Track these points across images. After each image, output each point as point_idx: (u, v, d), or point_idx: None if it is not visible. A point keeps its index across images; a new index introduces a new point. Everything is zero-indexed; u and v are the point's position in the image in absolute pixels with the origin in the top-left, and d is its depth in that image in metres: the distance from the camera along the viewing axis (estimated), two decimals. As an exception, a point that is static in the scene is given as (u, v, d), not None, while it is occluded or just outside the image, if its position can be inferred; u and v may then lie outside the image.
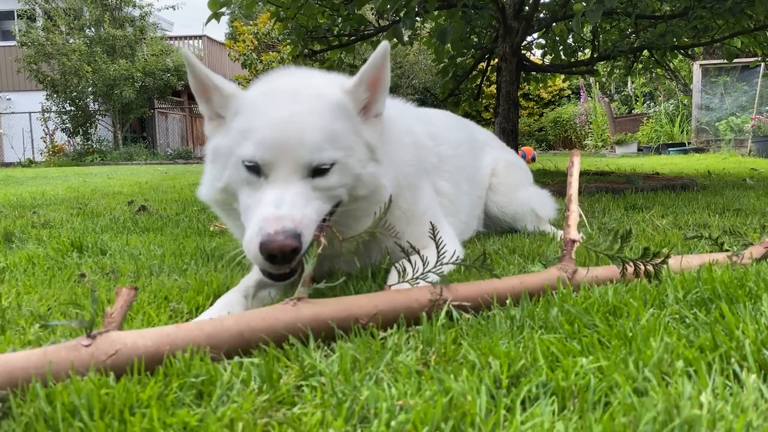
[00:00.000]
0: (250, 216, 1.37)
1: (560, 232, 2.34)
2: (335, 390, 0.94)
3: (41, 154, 18.61)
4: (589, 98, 18.77)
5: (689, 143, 14.08)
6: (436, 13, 5.86)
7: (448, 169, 2.14)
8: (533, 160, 10.51)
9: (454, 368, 0.99)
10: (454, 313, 1.22)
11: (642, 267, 1.41)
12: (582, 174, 6.12)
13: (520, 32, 5.86)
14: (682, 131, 14.98)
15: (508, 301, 1.28)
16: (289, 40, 6.01)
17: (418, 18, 4.93)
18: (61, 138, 18.99)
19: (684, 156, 12.20)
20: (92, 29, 19.07)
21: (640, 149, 15.52)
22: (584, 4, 3.70)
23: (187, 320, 1.41)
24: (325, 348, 1.14)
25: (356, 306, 1.20)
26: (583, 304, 1.23)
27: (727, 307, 1.10)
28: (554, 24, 6.50)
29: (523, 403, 0.89)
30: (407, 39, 6.07)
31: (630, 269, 1.42)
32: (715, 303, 1.23)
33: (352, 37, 6.16)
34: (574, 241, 1.48)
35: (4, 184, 7.26)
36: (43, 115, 18.74)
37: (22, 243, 2.55)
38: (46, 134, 18.52)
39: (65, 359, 0.95)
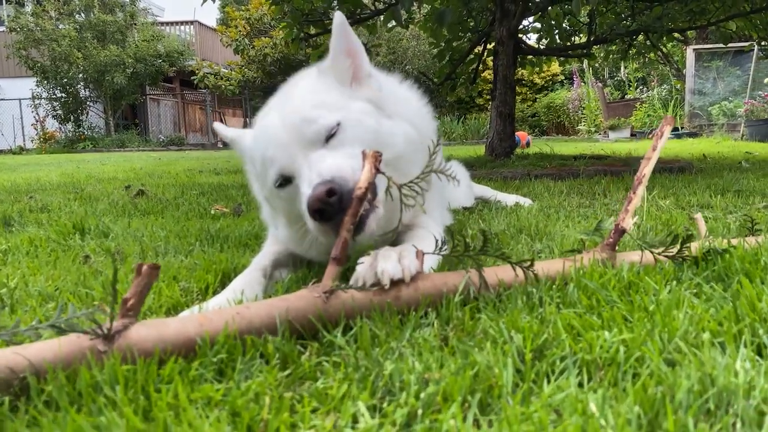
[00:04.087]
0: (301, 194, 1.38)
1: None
2: (358, 364, 0.93)
3: (32, 141, 18.46)
4: (583, 84, 18.75)
5: (682, 128, 14.11)
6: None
7: None
8: (528, 145, 10.49)
9: (476, 342, 0.98)
10: (472, 290, 1.22)
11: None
12: (578, 157, 6.13)
13: (517, 15, 5.83)
14: (675, 116, 15.00)
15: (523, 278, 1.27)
16: (284, 23, 5.95)
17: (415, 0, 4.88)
18: (52, 125, 18.83)
19: (678, 140, 12.22)
20: (82, 14, 18.85)
21: (633, 134, 15.55)
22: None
23: (198, 299, 1.40)
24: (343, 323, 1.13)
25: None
26: (600, 280, 1.22)
27: (747, 281, 1.10)
28: (550, 8, 6.47)
29: (547, 376, 0.88)
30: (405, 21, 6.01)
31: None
32: (732, 278, 1.23)
33: (348, 21, 6.11)
34: (624, 231, 1.37)
35: (-4, 171, 7.19)
36: (34, 101, 18.55)
37: (22, 226, 2.53)
38: (37, 121, 18.36)
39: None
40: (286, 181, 1.41)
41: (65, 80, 18.30)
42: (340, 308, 1.13)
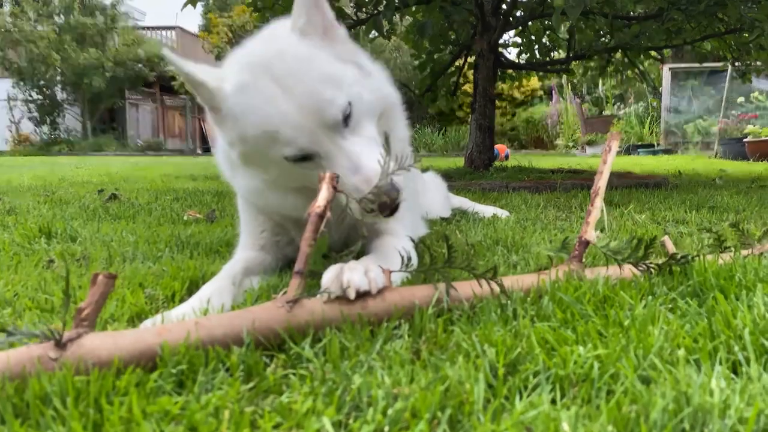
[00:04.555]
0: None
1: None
2: (325, 378, 0.89)
3: (6, 143, 18.11)
4: (561, 99, 18.97)
5: (658, 144, 14.33)
6: (414, 8, 5.83)
7: None
8: (507, 158, 10.56)
9: (448, 356, 0.95)
10: (445, 302, 1.19)
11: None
12: (555, 171, 6.17)
13: (498, 29, 5.87)
14: (651, 133, 15.24)
15: (498, 290, 1.25)
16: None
17: (397, 10, 4.88)
18: (27, 127, 18.50)
19: (653, 156, 12.40)
20: (61, 16, 18.61)
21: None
22: (563, 1, 3.71)
23: (164, 307, 1.35)
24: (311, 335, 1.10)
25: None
26: (574, 294, 1.20)
27: (722, 297, 1.08)
28: (530, 23, 6.52)
29: (520, 392, 0.86)
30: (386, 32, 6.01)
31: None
32: (707, 294, 1.22)
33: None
34: (588, 243, 1.40)
35: (-34, 172, 7.03)
36: (9, 103, 18.23)
37: (-14, 229, 2.45)
38: (12, 123, 18.03)
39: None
40: (305, 158, 1.39)
41: (42, 82, 18.02)
42: (308, 319, 1.10)
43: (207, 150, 21.89)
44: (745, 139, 10.35)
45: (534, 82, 21.09)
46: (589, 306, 1.16)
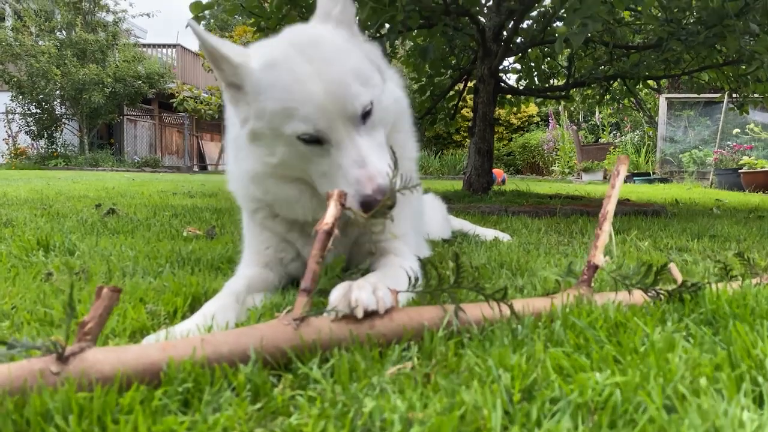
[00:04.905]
0: (334, 178, 1.39)
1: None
2: (335, 400, 0.87)
3: (2, 156, 18.05)
4: (558, 126, 19.11)
5: (654, 173, 14.41)
6: (415, 33, 5.88)
7: None
8: (503, 182, 10.60)
9: (462, 380, 0.93)
10: (455, 324, 1.16)
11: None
12: (554, 197, 6.18)
13: (499, 55, 5.91)
14: (647, 161, 15.34)
15: (508, 314, 1.23)
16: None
17: (400, 34, 4.91)
18: (24, 140, 18.46)
19: (649, 185, 12.46)
20: (63, 32, 18.70)
21: (606, 177, 15.83)
22: (567, 28, 3.74)
23: (166, 323, 1.32)
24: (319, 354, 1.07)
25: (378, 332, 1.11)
26: (587, 318, 1.18)
27: (742, 326, 1.06)
28: (530, 50, 6.58)
29: (538, 418, 0.83)
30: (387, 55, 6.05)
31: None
32: (720, 322, 1.20)
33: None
34: (597, 267, 1.39)
35: (-39, 184, 6.98)
36: (7, 116, 18.21)
37: (-17, 241, 2.41)
38: (9, 136, 17.99)
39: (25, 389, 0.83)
40: (315, 140, 1.40)
41: (41, 96, 18.03)
42: (315, 337, 1.07)
43: (204, 168, 21.90)
44: (740, 170, 10.42)
45: (531, 108, 21.26)
46: (601, 332, 1.13)
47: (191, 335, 1.16)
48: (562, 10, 4.84)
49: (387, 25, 4.66)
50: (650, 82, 7.22)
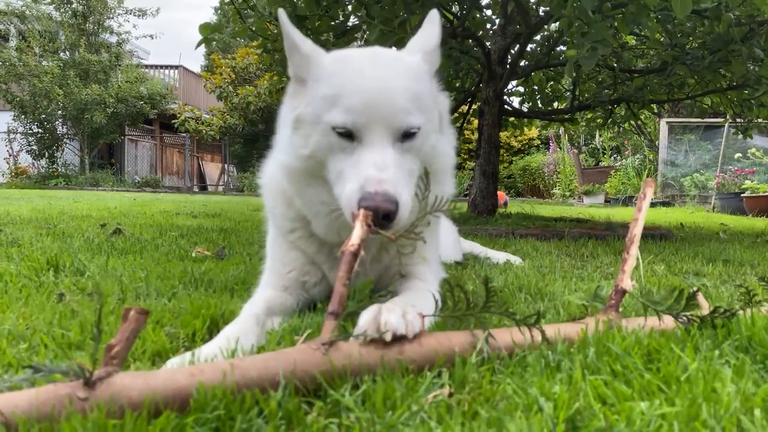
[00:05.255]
0: (347, 177, 1.34)
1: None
2: (373, 430, 0.83)
3: (2, 175, 18.04)
4: (559, 149, 19.17)
5: (655, 197, 14.41)
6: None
7: None
8: (505, 204, 10.60)
9: (504, 409, 0.89)
10: (485, 350, 1.13)
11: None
12: (559, 219, 6.16)
13: (504, 78, 5.94)
14: (648, 185, 15.32)
15: (540, 340, 1.20)
16: (274, 72, 5.97)
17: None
18: (25, 160, 18.47)
19: (652, 209, 12.45)
20: (67, 53, 18.81)
21: (607, 200, 15.83)
22: (576, 51, 3.75)
23: (185, 346, 1.29)
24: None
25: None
26: (622, 344, 1.15)
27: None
28: (533, 73, 6.62)
29: (584, 450, 0.80)
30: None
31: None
32: (756, 349, 1.17)
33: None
34: (624, 292, 1.36)
35: (-36, 202, 6.95)
36: (9, 135, 18.24)
37: (-10, 260, 2.38)
38: (10, 155, 18.00)
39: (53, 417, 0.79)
40: (348, 134, 1.37)
41: (43, 116, 18.08)
42: (345, 363, 1.04)
43: (204, 188, 21.90)
44: (743, 195, 10.42)
45: (532, 131, 21.38)
46: (637, 358, 1.10)
47: (217, 359, 1.13)
48: (566, 35, 4.88)
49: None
50: (653, 105, 7.25)
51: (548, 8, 4.89)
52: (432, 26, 1.56)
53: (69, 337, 1.26)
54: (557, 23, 5.69)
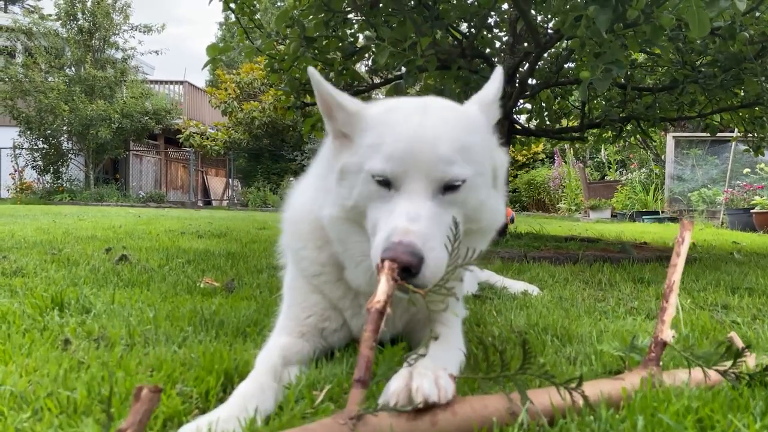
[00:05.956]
0: (380, 226, 1.27)
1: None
2: None
3: (8, 190, 18.05)
4: (564, 163, 19.10)
5: (663, 212, 14.30)
6: (425, 75, 5.86)
7: None
8: (512, 221, 10.49)
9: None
10: (524, 419, 1.05)
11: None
12: (569, 239, 6.07)
13: (513, 96, 5.88)
14: (655, 200, 15.24)
15: (581, 407, 1.11)
16: (281, 92, 5.93)
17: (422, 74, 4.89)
18: (30, 175, 18.48)
19: (660, 224, 12.34)
20: (73, 69, 18.88)
21: (614, 215, 15.73)
22: (590, 73, 3.68)
23: (198, 407, 1.20)
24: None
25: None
26: (671, 410, 1.06)
27: None
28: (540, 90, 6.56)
29: None
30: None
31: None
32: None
33: (345, 92, 6.10)
34: (665, 344, 1.28)
35: (-32, 222, 6.90)
36: (14, 151, 18.26)
37: (-7, 295, 2.31)
38: (16, 171, 18.01)
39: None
40: (386, 182, 1.30)
41: (49, 132, 18.11)
42: (375, 439, 0.96)
43: (208, 203, 21.88)
44: (752, 210, 10.31)
45: (538, 146, 21.34)
46: (690, 429, 1.01)
47: (233, 428, 1.05)
48: (579, 54, 4.82)
49: (403, 69, 4.63)
50: (662, 123, 7.18)
51: (559, 27, 4.85)
52: (494, 81, 1.52)
53: (75, 400, 1.18)
54: (567, 41, 5.64)
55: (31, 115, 17.85)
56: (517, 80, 5.95)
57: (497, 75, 1.54)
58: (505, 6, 6.04)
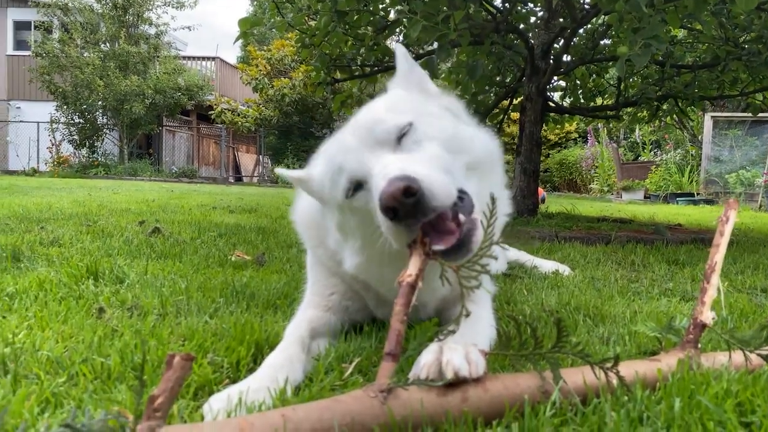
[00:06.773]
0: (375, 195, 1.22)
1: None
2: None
3: (45, 164, 18.46)
4: (597, 142, 18.75)
5: (698, 194, 13.97)
6: (457, 51, 5.77)
7: None
8: (543, 201, 10.35)
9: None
10: (556, 397, 1.03)
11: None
12: (601, 220, 5.97)
13: (548, 73, 5.76)
14: (690, 181, 14.88)
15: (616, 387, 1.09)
16: (312, 67, 5.90)
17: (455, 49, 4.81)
18: (67, 149, 18.86)
19: (695, 206, 12.07)
20: (107, 44, 19.09)
21: (647, 196, 15.41)
22: (628, 48, 3.58)
23: (229, 377, 1.21)
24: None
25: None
26: (710, 393, 1.04)
27: None
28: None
29: None
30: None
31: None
32: None
33: (375, 68, 6.05)
34: (704, 326, 1.25)
35: (8, 193, 7.08)
36: (51, 125, 18.63)
37: (31, 263, 2.36)
38: (53, 144, 18.39)
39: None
40: (357, 186, 1.26)
41: (84, 107, 18.42)
42: (405, 414, 0.95)
43: (239, 179, 22.08)
44: (793, 193, 10.01)
45: (574, 125, 20.96)
46: (731, 414, 0.98)
47: (263, 398, 1.05)
48: (616, 30, 4.68)
49: (436, 43, 4.56)
50: (702, 102, 6.98)
51: (596, 2, 4.70)
52: (398, 62, 1.50)
53: (108, 367, 1.20)
54: (604, 16, 5.49)
55: (67, 90, 18.16)
56: (552, 57, 5.83)
57: (400, 54, 1.50)
58: (542, -20, 5.89)
